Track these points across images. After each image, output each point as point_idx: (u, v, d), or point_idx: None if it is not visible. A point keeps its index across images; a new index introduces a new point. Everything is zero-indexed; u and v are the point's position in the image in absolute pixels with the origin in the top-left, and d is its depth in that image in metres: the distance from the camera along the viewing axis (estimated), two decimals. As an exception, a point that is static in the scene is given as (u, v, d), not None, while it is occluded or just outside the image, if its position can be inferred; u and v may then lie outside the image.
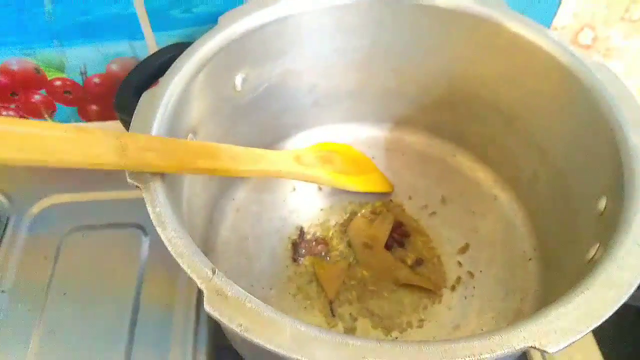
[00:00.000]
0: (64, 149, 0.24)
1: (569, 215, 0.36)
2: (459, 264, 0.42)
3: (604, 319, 0.23)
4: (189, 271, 0.24)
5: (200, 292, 0.42)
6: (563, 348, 0.22)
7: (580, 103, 0.34)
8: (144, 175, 0.28)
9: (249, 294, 0.24)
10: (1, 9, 0.41)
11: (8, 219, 0.47)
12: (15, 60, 0.45)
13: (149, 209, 0.26)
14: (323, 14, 0.39)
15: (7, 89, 0.47)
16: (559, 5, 0.47)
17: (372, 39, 0.41)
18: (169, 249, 0.25)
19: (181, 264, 0.24)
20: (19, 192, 0.48)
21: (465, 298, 0.40)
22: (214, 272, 0.24)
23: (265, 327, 0.22)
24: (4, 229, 0.46)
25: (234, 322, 0.23)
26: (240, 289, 0.24)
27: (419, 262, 0.41)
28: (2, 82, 0.47)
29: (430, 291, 0.40)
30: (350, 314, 0.39)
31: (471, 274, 0.41)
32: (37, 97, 0.48)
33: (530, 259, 0.41)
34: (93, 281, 0.43)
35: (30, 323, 0.41)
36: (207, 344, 0.40)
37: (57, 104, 0.49)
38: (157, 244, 0.45)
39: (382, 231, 0.42)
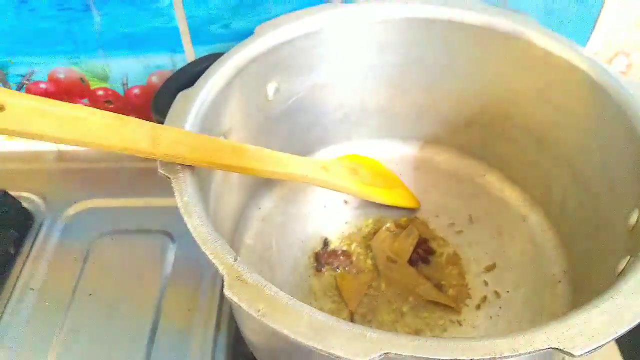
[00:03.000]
0: (101, 132, 0.25)
1: (600, 233, 0.35)
2: (485, 283, 0.41)
3: (632, 325, 0.22)
4: (211, 257, 0.24)
5: (221, 298, 0.42)
6: (588, 352, 0.21)
7: (613, 121, 0.33)
8: (174, 167, 0.29)
9: (269, 282, 0.24)
10: (53, 19, 0.44)
11: (43, 220, 0.48)
12: (63, 69, 0.48)
13: (177, 198, 0.27)
14: (355, 29, 0.40)
15: (53, 96, 0.50)
16: (591, 31, 0.47)
17: (403, 56, 0.42)
18: (194, 235, 0.25)
19: (204, 250, 0.25)
20: (55, 195, 0.50)
21: (491, 318, 0.39)
22: (235, 259, 0.24)
23: (283, 314, 0.22)
24: (38, 230, 0.48)
25: (253, 308, 0.23)
26: (260, 276, 0.24)
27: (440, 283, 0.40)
28: (50, 89, 0.49)
29: (453, 309, 0.39)
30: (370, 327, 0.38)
31: (497, 294, 0.40)
32: (79, 106, 0.51)
33: (559, 282, 0.40)
34: (118, 284, 0.44)
35: (55, 321, 0.41)
36: (226, 351, 0.39)
37: (98, 113, 0.51)
38: (183, 252, 0.46)
39: (407, 246, 0.42)
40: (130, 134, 0.26)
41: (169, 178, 0.28)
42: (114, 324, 0.41)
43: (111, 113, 0.26)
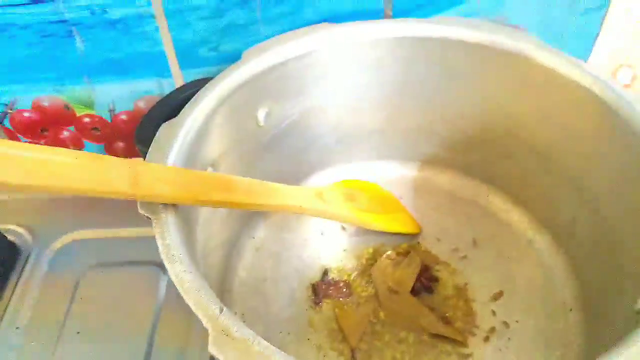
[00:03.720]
0: (75, 175, 0.23)
1: (614, 260, 0.33)
2: (493, 312, 0.38)
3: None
4: (194, 308, 0.22)
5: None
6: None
7: (621, 139, 0.32)
8: (156, 206, 0.27)
9: (258, 336, 0.22)
10: (34, 46, 0.42)
11: (29, 253, 0.47)
12: (47, 97, 0.46)
13: (158, 241, 0.25)
14: (348, 49, 0.38)
15: (38, 125, 0.48)
16: (593, 44, 0.45)
17: (400, 75, 0.40)
18: (176, 284, 0.23)
19: (187, 301, 0.23)
20: (42, 227, 0.48)
21: (500, 350, 0.37)
22: (221, 311, 0.22)
23: (273, 373, 0.20)
24: (25, 264, 0.46)
25: (240, 366, 0.21)
26: (249, 330, 0.22)
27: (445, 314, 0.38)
28: (34, 118, 0.48)
29: (460, 342, 0.37)
30: (373, 364, 0.36)
31: (506, 324, 0.38)
32: (65, 134, 0.49)
33: (571, 309, 0.38)
34: (108, 320, 0.42)
35: (43, 362, 0.40)
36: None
37: (85, 141, 0.50)
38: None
39: (409, 275, 0.40)
40: (107, 175, 0.24)
41: (149, 219, 0.26)
42: (105, 362, 0.39)
43: (85, 152, 0.24)
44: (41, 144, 0.50)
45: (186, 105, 0.33)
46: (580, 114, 0.34)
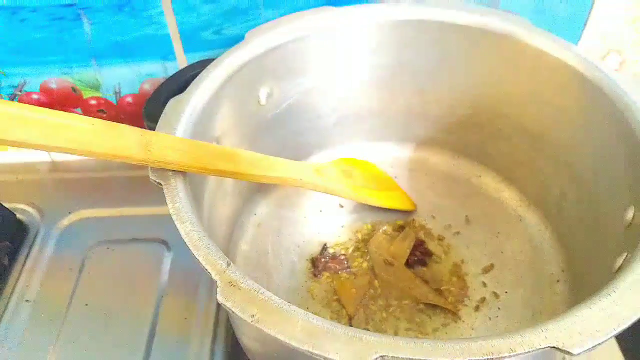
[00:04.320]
0: (92, 140, 0.25)
1: (597, 231, 0.35)
2: (484, 284, 0.40)
3: (629, 323, 0.22)
4: (204, 262, 0.24)
5: (218, 306, 0.42)
6: (587, 350, 0.21)
7: (606, 117, 0.33)
8: (166, 173, 0.28)
9: (262, 288, 0.23)
10: (43, 30, 0.44)
11: (38, 231, 0.48)
12: (55, 79, 0.48)
13: (169, 204, 0.27)
14: (346, 33, 0.40)
15: (46, 106, 0.49)
16: (583, 29, 0.47)
17: (395, 58, 0.42)
18: (186, 241, 0.25)
19: (196, 256, 0.24)
20: (50, 205, 0.50)
21: (490, 319, 0.38)
22: (228, 265, 0.24)
23: (277, 319, 0.22)
24: (33, 241, 0.47)
25: (247, 313, 0.22)
26: (253, 282, 0.24)
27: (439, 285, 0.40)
28: (42, 100, 0.49)
29: (451, 311, 0.39)
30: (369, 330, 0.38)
31: (496, 295, 0.40)
32: (72, 115, 0.50)
33: (558, 281, 0.39)
34: (114, 294, 0.43)
35: (51, 332, 0.41)
36: (224, 359, 0.39)
37: (91, 123, 0.51)
38: (179, 260, 0.45)
39: (403, 248, 0.41)
40: (121, 141, 0.26)
41: (161, 185, 0.28)
42: (111, 334, 0.41)
43: (101, 120, 0.26)
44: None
45: (192, 83, 0.34)
46: (568, 94, 0.36)
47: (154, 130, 0.31)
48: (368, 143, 0.48)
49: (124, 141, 0.26)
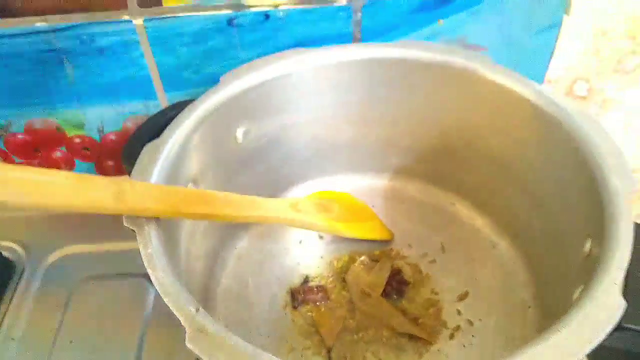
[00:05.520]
0: (65, 193, 0.26)
1: (562, 260, 0.36)
2: (458, 312, 0.41)
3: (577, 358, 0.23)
4: (173, 309, 0.25)
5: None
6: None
7: (563, 149, 0.35)
8: (139, 220, 0.30)
9: (230, 333, 0.24)
10: (26, 74, 0.45)
11: (24, 268, 0.49)
12: (39, 119, 0.49)
13: (141, 251, 0.28)
14: (318, 71, 0.41)
15: (31, 146, 0.51)
16: (549, 60, 0.48)
17: (365, 94, 0.43)
18: (157, 287, 0.26)
19: (167, 302, 0.25)
20: (35, 242, 0.51)
21: (464, 346, 0.39)
22: (197, 310, 0.25)
23: (243, 364, 0.23)
24: (19, 278, 0.48)
25: (214, 359, 0.23)
26: (222, 327, 0.25)
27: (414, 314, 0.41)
28: (27, 139, 0.50)
29: (427, 340, 0.40)
30: (347, 362, 0.39)
31: (470, 322, 0.41)
32: (58, 154, 0.52)
33: (529, 307, 0.40)
34: (100, 330, 0.44)
35: (37, 371, 0.42)
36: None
37: (76, 160, 0.53)
38: (163, 293, 0.46)
39: (380, 279, 0.42)
40: (95, 194, 0.27)
41: (134, 231, 0.29)
42: (95, 371, 0.41)
43: (74, 173, 0.27)
44: (34, 164, 0.53)
45: (167, 127, 0.36)
46: (528, 127, 0.38)
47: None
48: (345, 174, 0.49)
49: (97, 193, 0.27)
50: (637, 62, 0.48)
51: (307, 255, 0.46)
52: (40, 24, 0.42)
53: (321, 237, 0.47)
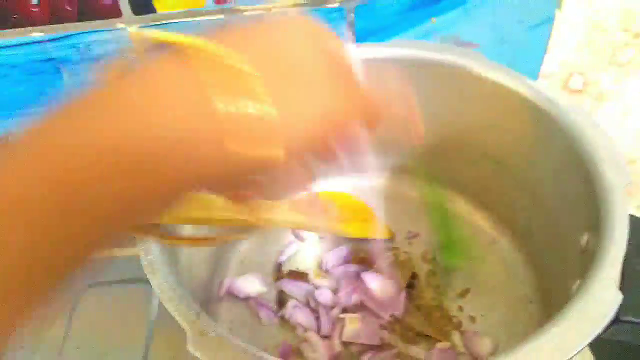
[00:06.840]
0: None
1: (560, 255, 0.36)
2: (460, 308, 0.42)
3: (574, 353, 0.23)
4: (175, 314, 0.26)
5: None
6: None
7: (558, 144, 0.35)
8: (139, 227, 0.30)
9: (230, 335, 0.25)
10: (24, 84, 0.45)
11: (29, 276, 0.49)
12: (39, 129, 0.49)
13: (142, 258, 0.28)
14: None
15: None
16: (544, 55, 0.49)
17: (363, 93, 0.43)
18: (158, 294, 0.26)
19: (168, 308, 0.26)
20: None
21: (467, 343, 0.40)
22: (198, 315, 0.25)
23: (245, 366, 0.24)
24: (25, 286, 0.48)
25: (215, 362, 0.24)
26: (223, 329, 0.25)
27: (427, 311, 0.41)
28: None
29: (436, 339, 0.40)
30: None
31: (472, 319, 0.41)
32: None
33: (531, 302, 0.41)
34: (105, 335, 0.45)
35: (44, 378, 0.42)
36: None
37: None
38: (167, 298, 0.47)
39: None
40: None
41: (135, 237, 0.29)
42: (102, 376, 0.42)
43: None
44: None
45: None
46: (523, 122, 0.38)
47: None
48: (345, 175, 0.49)
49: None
50: (631, 54, 0.48)
51: (310, 256, 0.46)
52: (36, 34, 0.43)
53: (322, 238, 0.47)
